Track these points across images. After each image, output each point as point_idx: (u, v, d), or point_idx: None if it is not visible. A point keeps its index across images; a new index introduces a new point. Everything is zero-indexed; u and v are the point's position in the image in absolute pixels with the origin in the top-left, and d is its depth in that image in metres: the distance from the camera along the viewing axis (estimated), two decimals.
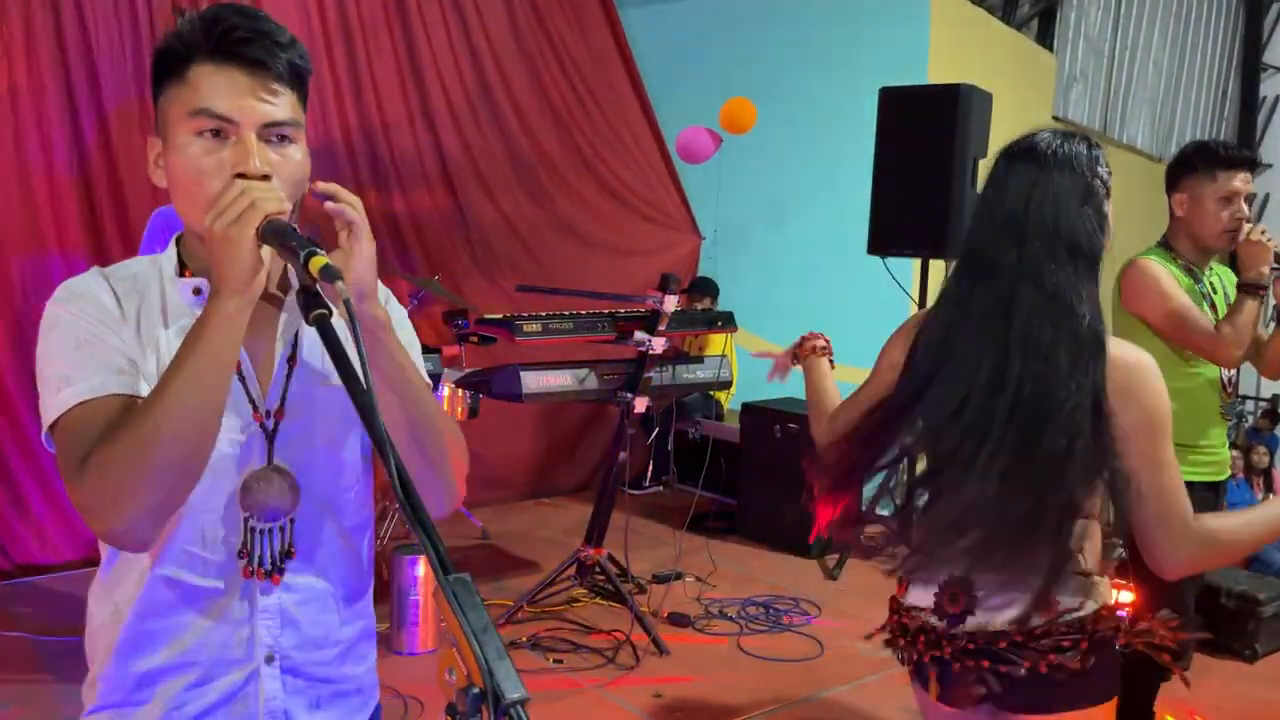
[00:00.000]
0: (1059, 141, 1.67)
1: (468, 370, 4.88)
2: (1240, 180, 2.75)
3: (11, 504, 4.37)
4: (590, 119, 6.65)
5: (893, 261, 4.79)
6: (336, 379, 1.00)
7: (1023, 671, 1.62)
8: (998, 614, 1.64)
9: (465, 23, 6.05)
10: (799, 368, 2.24)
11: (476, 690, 0.77)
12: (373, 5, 5.65)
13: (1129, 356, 1.63)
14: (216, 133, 1.16)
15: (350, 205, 1.13)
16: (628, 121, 6.85)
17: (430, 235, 5.90)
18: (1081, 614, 1.62)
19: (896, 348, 1.83)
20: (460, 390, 4.86)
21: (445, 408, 4.92)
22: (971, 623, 1.67)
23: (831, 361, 2.21)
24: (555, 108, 6.47)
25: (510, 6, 6.26)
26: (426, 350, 4.41)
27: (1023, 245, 1.63)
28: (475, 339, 5.18)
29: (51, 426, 1.15)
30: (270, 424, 1.23)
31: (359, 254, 1.13)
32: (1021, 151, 1.69)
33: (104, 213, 4.62)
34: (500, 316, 4.11)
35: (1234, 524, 1.64)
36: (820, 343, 2.22)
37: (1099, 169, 1.67)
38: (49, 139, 4.49)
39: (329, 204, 1.13)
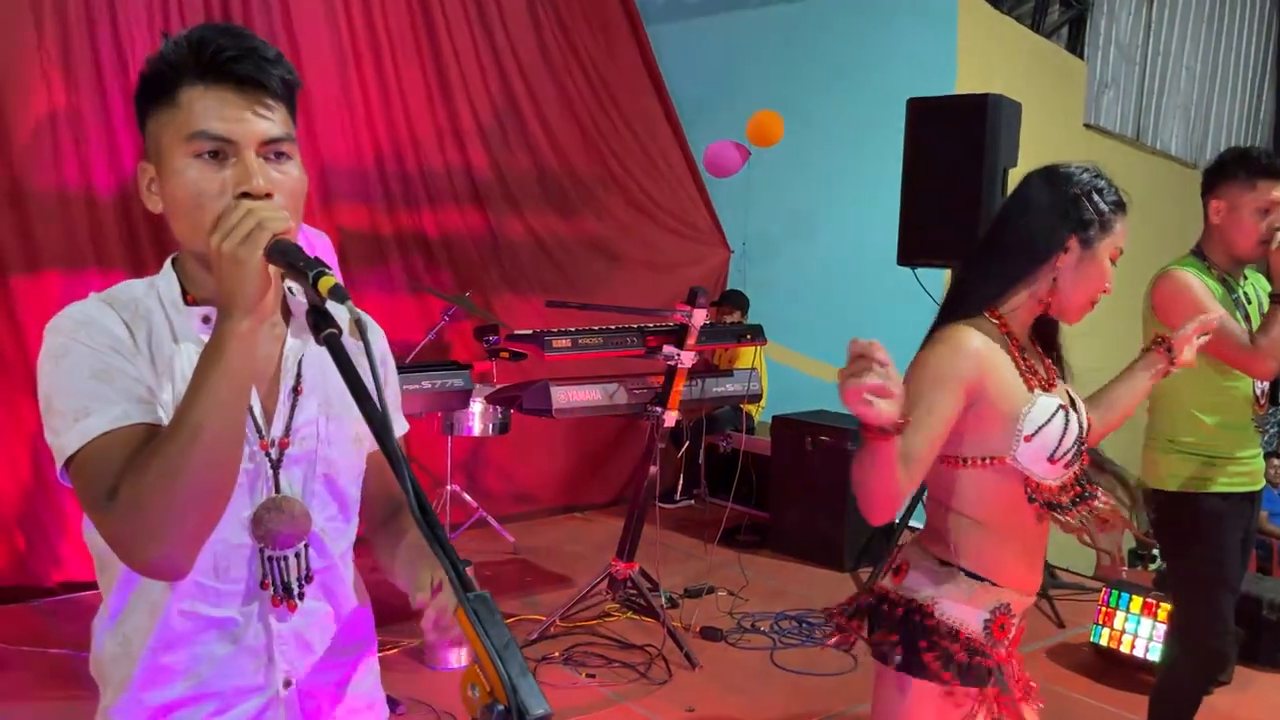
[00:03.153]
0: (1072, 166, 1.77)
1: (499, 386, 4.91)
2: None
3: (54, 523, 4.43)
4: (618, 134, 6.68)
5: (923, 272, 4.76)
6: (339, 408, 1.00)
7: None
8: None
9: (493, 41, 6.10)
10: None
11: (500, 707, 0.77)
12: (401, 24, 5.71)
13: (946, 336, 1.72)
14: (215, 154, 1.15)
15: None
16: (655, 136, 6.88)
17: (460, 252, 5.94)
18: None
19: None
20: (491, 406, 4.89)
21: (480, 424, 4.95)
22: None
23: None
24: (583, 124, 6.51)
25: (537, 24, 6.31)
26: (458, 366, 4.47)
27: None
28: (506, 355, 5.21)
29: (70, 459, 1.11)
30: (275, 453, 1.23)
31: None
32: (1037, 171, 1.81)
33: (141, 233, 4.68)
34: (530, 332, 4.12)
35: None
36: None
37: (1095, 198, 1.72)
38: (87, 160, 4.56)
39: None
